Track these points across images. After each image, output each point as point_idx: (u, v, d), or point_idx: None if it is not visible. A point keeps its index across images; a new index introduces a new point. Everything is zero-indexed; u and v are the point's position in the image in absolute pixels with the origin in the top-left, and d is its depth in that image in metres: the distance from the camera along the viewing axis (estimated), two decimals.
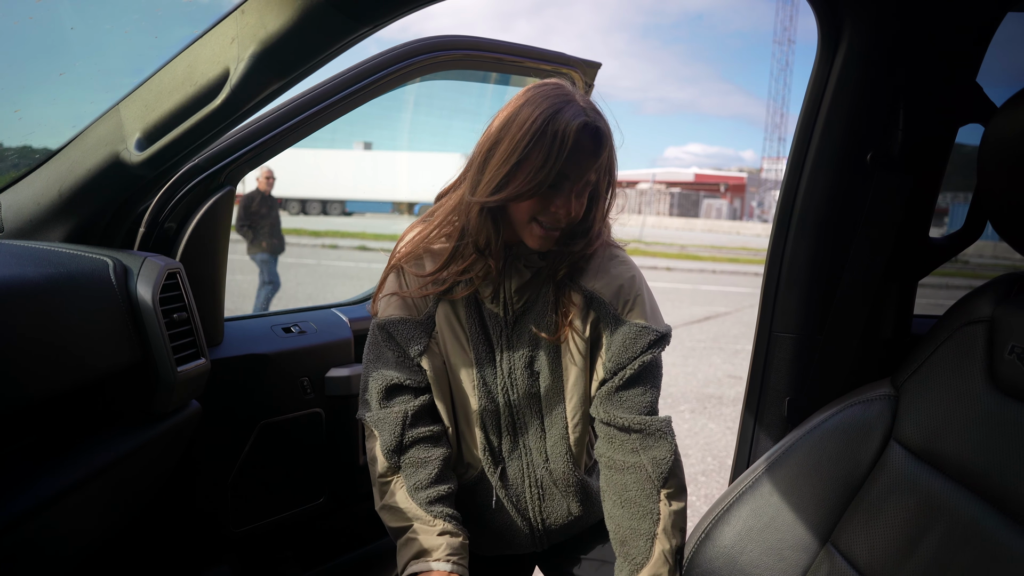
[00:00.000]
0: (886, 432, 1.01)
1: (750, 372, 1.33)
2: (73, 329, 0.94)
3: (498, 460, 1.24)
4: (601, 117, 1.08)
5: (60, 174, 1.13)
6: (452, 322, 1.20)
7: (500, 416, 1.22)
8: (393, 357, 1.20)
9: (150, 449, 1.10)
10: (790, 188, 1.23)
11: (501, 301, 1.19)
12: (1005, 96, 0.93)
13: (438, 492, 1.15)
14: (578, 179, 1.06)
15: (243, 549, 1.56)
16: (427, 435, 1.19)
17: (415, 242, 1.21)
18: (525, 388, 1.19)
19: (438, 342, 1.21)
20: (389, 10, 0.84)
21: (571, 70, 1.88)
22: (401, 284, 1.21)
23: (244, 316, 1.64)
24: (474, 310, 1.20)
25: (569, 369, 1.18)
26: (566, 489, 1.23)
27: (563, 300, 1.17)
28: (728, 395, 5.05)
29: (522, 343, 1.19)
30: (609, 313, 1.16)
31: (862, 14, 1.08)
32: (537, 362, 1.19)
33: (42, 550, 0.94)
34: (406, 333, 1.19)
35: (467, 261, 1.15)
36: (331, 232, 17.73)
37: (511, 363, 1.19)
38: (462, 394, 1.21)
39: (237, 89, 0.95)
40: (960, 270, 10.52)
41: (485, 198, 1.07)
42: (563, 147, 1.01)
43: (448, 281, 1.17)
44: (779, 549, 1.06)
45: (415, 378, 1.19)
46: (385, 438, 1.17)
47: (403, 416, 1.17)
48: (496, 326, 1.20)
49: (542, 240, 1.10)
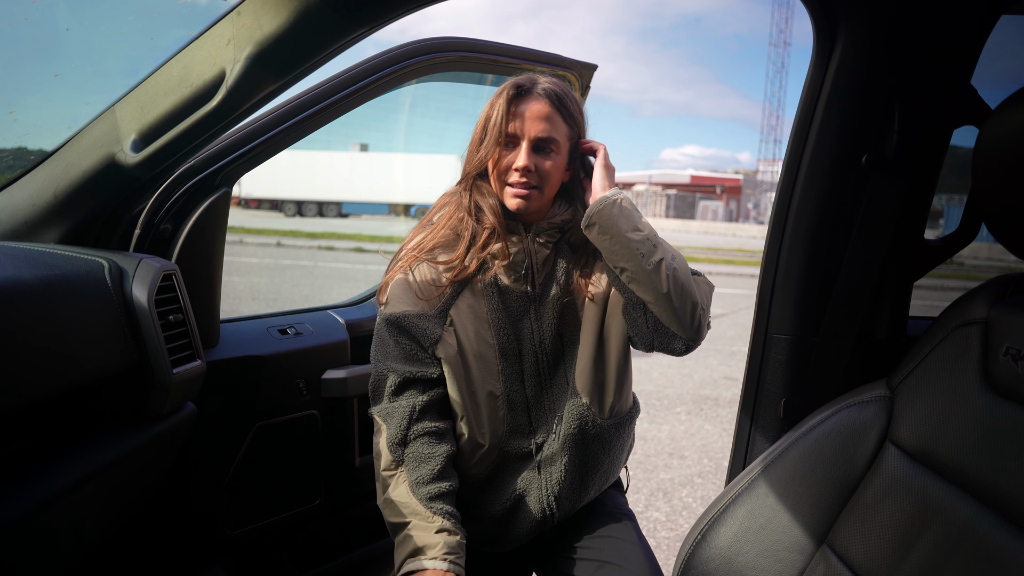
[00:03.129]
0: (881, 433, 1.02)
1: (746, 374, 1.33)
2: (68, 331, 0.94)
3: (525, 433, 1.26)
4: (550, 82, 1.22)
5: (55, 176, 1.12)
6: (476, 310, 1.23)
7: (526, 391, 1.25)
8: (404, 352, 1.22)
9: (146, 451, 1.09)
10: (786, 190, 1.24)
11: (529, 278, 1.25)
12: (999, 99, 0.94)
13: (439, 488, 1.16)
14: (528, 135, 1.18)
15: (239, 551, 1.56)
16: (432, 430, 1.20)
17: (423, 241, 1.25)
18: (552, 354, 1.26)
19: (455, 331, 1.23)
20: (385, 12, 0.84)
21: (567, 71, 1.88)
22: (411, 281, 1.23)
23: (240, 318, 1.64)
24: (495, 295, 1.24)
25: (590, 325, 1.25)
26: (586, 442, 1.25)
27: (581, 260, 1.27)
28: (724, 397, 5.05)
29: (547, 310, 1.25)
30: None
31: (857, 17, 1.08)
32: (562, 324, 1.26)
33: (38, 552, 0.94)
34: (419, 325, 1.20)
35: (482, 239, 1.22)
36: (327, 234, 17.69)
37: (541, 334, 1.25)
38: (484, 382, 1.23)
39: (233, 91, 0.94)
40: (955, 272, 10.57)
41: (465, 173, 1.24)
42: (500, 108, 1.18)
43: (470, 267, 1.22)
44: (775, 550, 1.06)
45: (427, 371, 1.21)
46: (391, 431, 1.19)
47: (411, 409, 1.19)
48: (523, 304, 1.25)
49: (515, 198, 1.19)
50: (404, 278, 1.24)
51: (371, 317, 1.80)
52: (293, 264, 12.06)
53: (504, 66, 1.75)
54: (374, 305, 1.86)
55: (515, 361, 1.26)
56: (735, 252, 21.58)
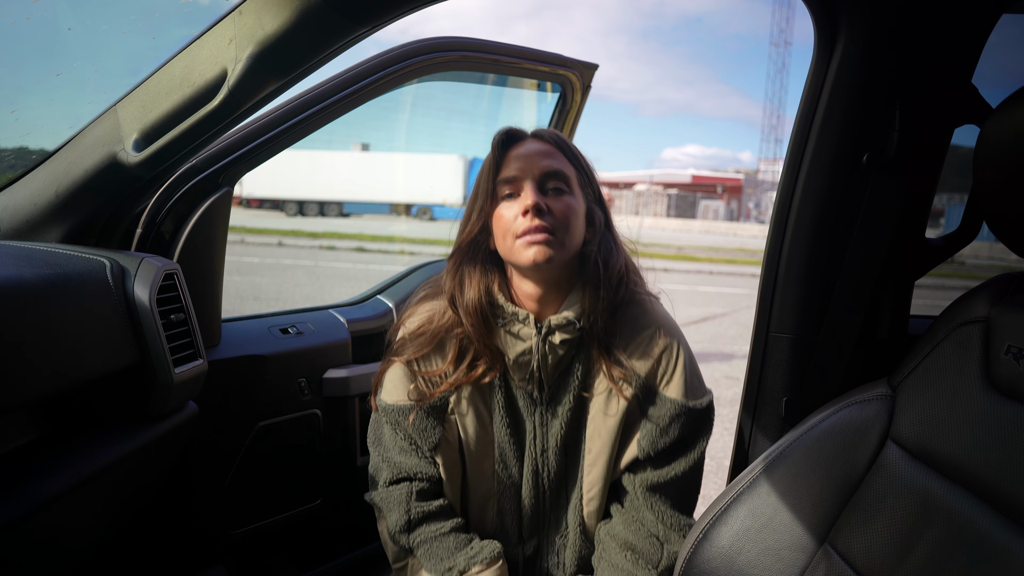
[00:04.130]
0: (883, 432, 1.02)
1: (747, 373, 1.33)
2: (70, 330, 0.94)
3: (513, 542, 1.18)
4: (544, 129, 1.11)
5: (57, 175, 1.13)
6: (476, 405, 1.12)
7: (522, 498, 1.15)
8: (399, 445, 1.13)
9: (147, 450, 1.09)
10: (787, 189, 1.24)
11: (536, 379, 1.10)
12: (1001, 98, 0.93)
13: (466, 558, 1.07)
14: (530, 173, 1.03)
15: (239, 550, 1.56)
16: (435, 511, 1.12)
17: (404, 346, 1.13)
18: (556, 466, 1.13)
19: (453, 425, 1.13)
20: (386, 11, 0.84)
21: (568, 71, 1.88)
22: (411, 375, 1.12)
23: (241, 317, 1.64)
24: (502, 391, 1.12)
25: (599, 440, 1.13)
26: (580, 562, 1.18)
27: (600, 370, 1.10)
28: (725, 396, 5.05)
29: (556, 420, 1.12)
30: (645, 386, 1.11)
31: (858, 16, 1.08)
32: (570, 437, 1.13)
33: (39, 551, 0.94)
34: (416, 424, 1.10)
35: (468, 358, 1.08)
36: (328, 233, 17.70)
37: (544, 443, 1.12)
38: (478, 479, 1.15)
39: (235, 90, 0.94)
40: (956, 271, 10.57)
41: (456, 246, 1.10)
42: (489, 158, 1.05)
43: (458, 382, 1.09)
44: (777, 549, 1.06)
45: (425, 469, 1.12)
46: (392, 518, 1.12)
47: (408, 494, 1.11)
48: (528, 406, 1.12)
49: (531, 247, 1.01)
50: (404, 372, 1.13)
51: (373, 316, 1.81)
52: (294, 264, 12.06)
53: (505, 66, 1.75)
54: (370, 306, 1.86)
55: (514, 466, 1.14)
56: (736, 251, 21.56)
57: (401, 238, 18.30)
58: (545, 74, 1.86)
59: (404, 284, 1.95)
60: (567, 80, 1.91)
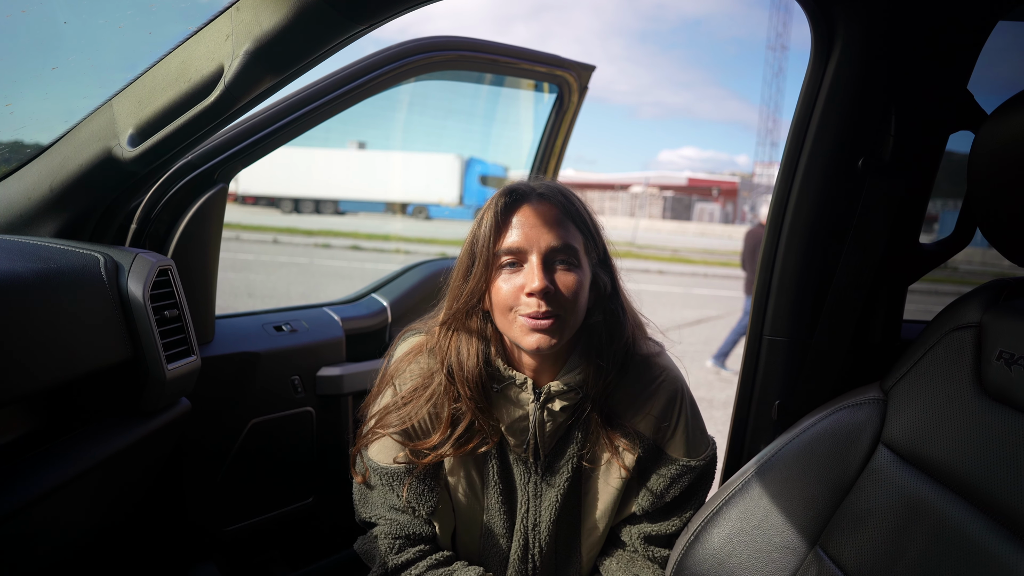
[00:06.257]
0: (875, 436, 1.02)
1: (741, 375, 1.34)
2: (62, 325, 0.93)
3: None
4: (548, 184, 1.02)
5: (51, 169, 1.12)
6: (469, 471, 1.07)
7: (508, 570, 1.11)
8: (391, 502, 1.08)
9: (139, 447, 1.09)
10: (782, 193, 1.24)
11: (531, 447, 1.06)
12: (995, 104, 0.94)
13: None
14: (537, 247, 0.95)
15: (231, 548, 1.56)
16: (417, 555, 1.07)
17: (387, 418, 1.06)
18: (547, 541, 1.09)
19: (447, 493, 1.08)
20: (384, 10, 0.84)
21: (565, 72, 1.88)
22: (400, 444, 1.06)
23: (235, 314, 1.63)
24: (496, 458, 1.07)
25: (599, 508, 1.10)
26: None
27: (601, 438, 1.05)
28: (719, 398, 5.06)
29: (552, 490, 1.07)
30: (650, 445, 1.09)
31: (855, 21, 1.09)
32: (566, 508, 1.09)
33: (31, 546, 0.94)
34: (412, 489, 1.05)
35: (461, 427, 1.02)
36: (324, 231, 17.69)
37: (536, 516, 1.08)
38: (467, 540, 1.12)
39: (231, 86, 0.94)
40: (949, 276, 10.61)
41: (448, 314, 1.01)
42: (489, 221, 0.96)
43: (450, 454, 1.04)
44: (768, 552, 1.06)
45: (421, 529, 1.07)
46: (375, 571, 1.07)
47: (391, 544, 1.06)
48: (523, 474, 1.07)
49: (533, 333, 0.95)
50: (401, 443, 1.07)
51: (367, 315, 1.80)
52: (289, 261, 12.04)
53: (502, 66, 1.75)
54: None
55: (502, 538, 1.09)
56: (731, 254, 21.61)
57: (396, 237, 18.30)
58: (542, 75, 1.86)
59: (399, 283, 1.95)
60: (564, 81, 1.91)
